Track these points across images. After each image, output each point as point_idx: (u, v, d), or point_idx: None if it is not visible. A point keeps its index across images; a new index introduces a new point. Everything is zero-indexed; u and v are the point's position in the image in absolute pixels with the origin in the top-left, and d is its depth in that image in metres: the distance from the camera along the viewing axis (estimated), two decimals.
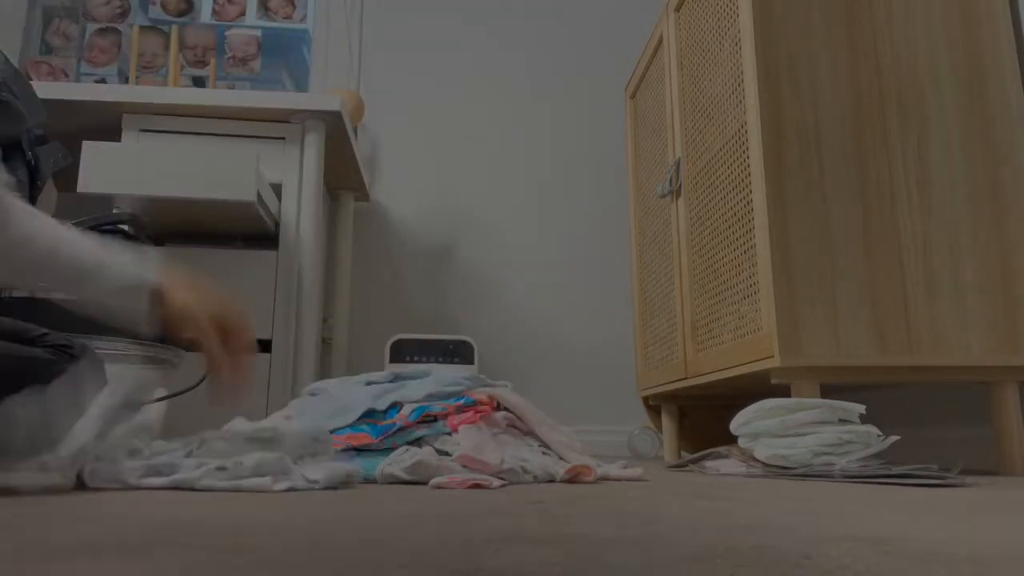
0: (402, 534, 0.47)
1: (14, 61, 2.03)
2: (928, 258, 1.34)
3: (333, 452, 0.94)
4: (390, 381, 1.17)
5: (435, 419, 1.07)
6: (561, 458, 1.08)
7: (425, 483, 0.92)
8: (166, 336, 0.87)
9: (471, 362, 2.09)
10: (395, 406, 1.09)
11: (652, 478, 1.10)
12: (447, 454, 0.99)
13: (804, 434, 1.10)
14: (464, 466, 0.94)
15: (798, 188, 1.34)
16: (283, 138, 1.85)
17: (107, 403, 0.86)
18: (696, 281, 1.70)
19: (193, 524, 0.51)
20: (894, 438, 1.08)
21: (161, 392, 1.39)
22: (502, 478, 0.94)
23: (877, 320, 1.30)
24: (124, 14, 2.22)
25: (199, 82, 2.14)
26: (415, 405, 1.08)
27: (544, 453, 1.09)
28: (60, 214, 1.63)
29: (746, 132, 1.42)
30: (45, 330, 0.86)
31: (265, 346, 1.74)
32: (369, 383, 1.18)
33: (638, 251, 2.25)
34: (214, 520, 0.53)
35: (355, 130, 2.24)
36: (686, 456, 1.66)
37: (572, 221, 2.58)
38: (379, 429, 1.06)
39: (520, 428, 1.13)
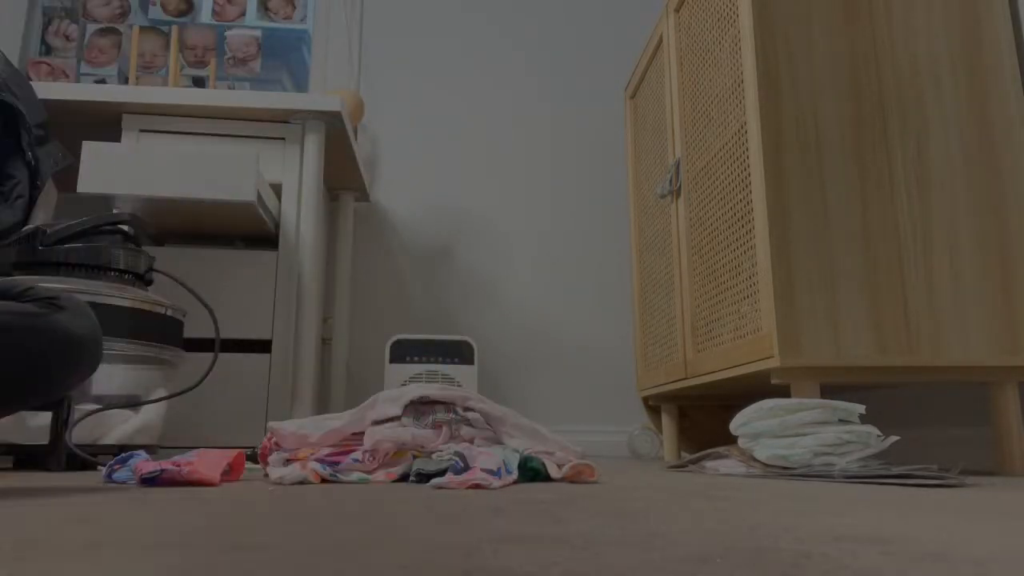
0: (401, 534, 0.47)
1: (14, 61, 2.03)
2: (928, 258, 1.34)
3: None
4: None
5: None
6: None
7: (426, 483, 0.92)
8: None
9: (471, 362, 2.09)
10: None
11: (653, 478, 1.10)
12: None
13: (804, 434, 1.10)
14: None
15: (798, 188, 1.34)
16: (283, 138, 1.85)
17: None
18: (696, 281, 1.70)
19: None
20: (894, 438, 1.08)
21: (161, 392, 1.40)
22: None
23: (877, 320, 1.31)
24: (124, 14, 2.22)
25: (199, 82, 2.14)
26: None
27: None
28: (60, 214, 1.64)
29: (746, 132, 1.42)
30: (30, 284, 0.86)
31: (265, 346, 1.74)
32: None
33: (638, 251, 2.25)
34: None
35: (355, 130, 2.24)
36: (686, 456, 1.66)
37: (572, 221, 2.58)
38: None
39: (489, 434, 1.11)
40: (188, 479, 0.86)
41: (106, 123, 1.81)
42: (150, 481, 0.86)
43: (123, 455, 0.93)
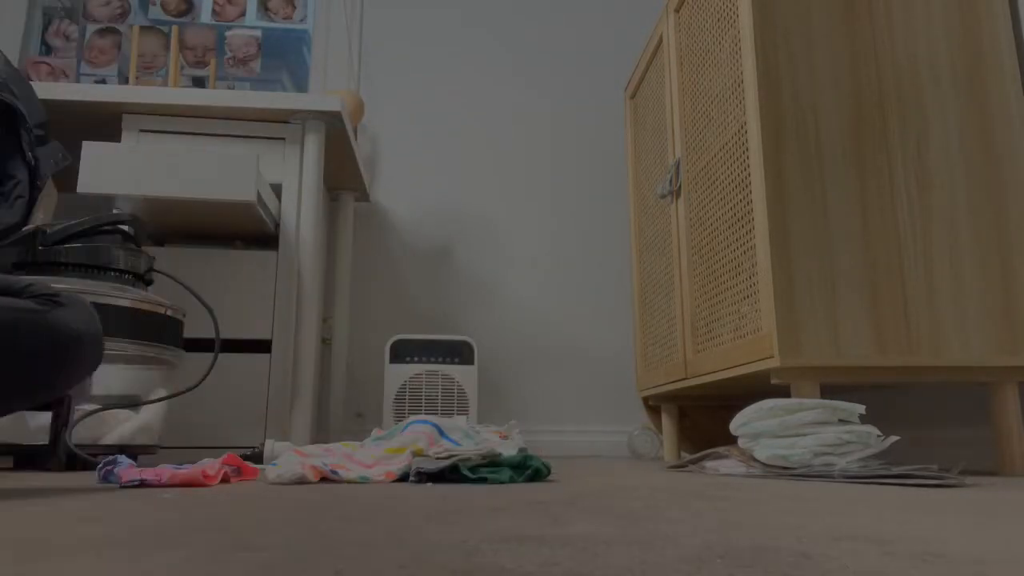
0: (401, 534, 0.47)
1: (14, 61, 2.03)
2: (928, 258, 1.34)
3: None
4: None
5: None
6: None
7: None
8: None
9: (471, 362, 2.09)
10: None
11: (653, 478, 1.10)
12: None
13: (804, 434, 1.10)
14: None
15: (798, 188, 1.34)
16: (283, 138, 1.85)
17: None
18: (696, 281, 1.70)
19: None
20: (894, 438, 1.08)
21: (161, 392, 1.40)
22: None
23: (877, 320, 1.30)
24: (124, 14, 2.22)
25: (199, 82, 2.14)
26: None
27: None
28: (60, 214, 1.64)
29: (746, 132, 1.42)
30: (30, 280, 0.86)
31: (265, 346, 1.74)
32: None
33: (638, 251, 2.25)
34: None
35: (355, 130, 2.24)
36: (686, 456, 1.66)
37: (572, 221, 2.58)
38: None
39: None
40: (172, 483, 0.86)
41: (106, 123, 1.81)
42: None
43: (109, 458, 0.92)
